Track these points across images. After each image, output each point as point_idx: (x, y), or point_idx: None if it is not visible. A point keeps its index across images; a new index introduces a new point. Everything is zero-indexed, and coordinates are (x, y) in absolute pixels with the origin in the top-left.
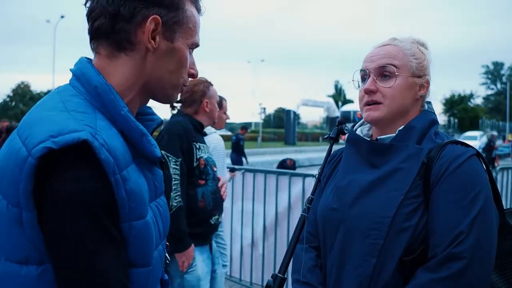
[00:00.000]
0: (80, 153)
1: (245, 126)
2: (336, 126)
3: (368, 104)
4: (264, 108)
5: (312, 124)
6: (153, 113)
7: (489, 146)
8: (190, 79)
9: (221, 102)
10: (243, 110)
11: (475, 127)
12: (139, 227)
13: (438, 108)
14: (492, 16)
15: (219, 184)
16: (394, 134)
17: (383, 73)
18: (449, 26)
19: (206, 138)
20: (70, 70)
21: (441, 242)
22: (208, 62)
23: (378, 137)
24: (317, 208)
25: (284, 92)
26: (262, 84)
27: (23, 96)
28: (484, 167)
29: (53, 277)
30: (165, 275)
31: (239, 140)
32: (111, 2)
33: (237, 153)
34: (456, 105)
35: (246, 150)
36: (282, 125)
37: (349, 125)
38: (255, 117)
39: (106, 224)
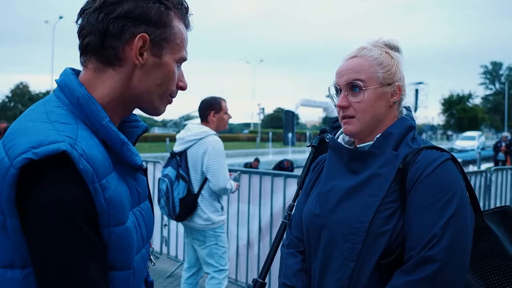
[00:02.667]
0: (60, 163)
1: (257, 159)
2: (319, 134)
3: (344, 118)
4: (263, 109)
5: (311, 125)
6: (139, 120)
7: (495, 147)
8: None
9: (220, 103)
10: (242, 110)
11: (474, 127)
12: (119, 233)
13: (436, 109)
14: (490, 16)
15: None
16: (372, 142)
17: (352, 87)
18: (448, 26)
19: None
20: (55, 81)
21: (415, 245)
22: (207, 62)
23: (358, 146)
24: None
25: (283, 92)
26: (261, 85)
27: (22, 97)
28: (460, 170)
29: None
30: (150, 276)
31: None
32: (100, 20)
33: None
34: (455, 105)
35: (245, 151)
36: (281, 126)
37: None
38: (254, 118)
39: (85, 231)
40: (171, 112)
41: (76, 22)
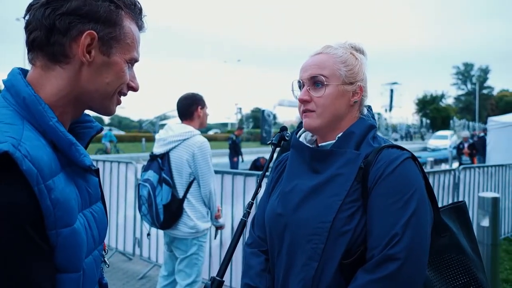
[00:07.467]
0: (3, 164)
1: (241, 127)
2: (279, 132)
3: (304, 112)
4: (240, 108)
5: (289, 124)
6: (92, 121)
7: (458, 148)
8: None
9: (203, 97)
10: (219, 110)
11: (446, 126)
12: (67, 235)
13: (411, 108)
14: (463, 18)
15: None
16: (334, 141)
17: (315, 82)
18: (422, 28)
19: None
20: (2, 81)
21: (377, 244)
22: (184, 62)
23: (319, 144)
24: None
25: (261, 92)
26: (238, 84)
27: None
28: (419, 169)
29: None
30: (104, 278)
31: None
32: (46, 16)
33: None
34: (429, 105)
35: (222, 150)
36: (258, 125)
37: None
38: (232, 117)
39: (31, 234)
40: (147, 112)
41: (24, 17)
